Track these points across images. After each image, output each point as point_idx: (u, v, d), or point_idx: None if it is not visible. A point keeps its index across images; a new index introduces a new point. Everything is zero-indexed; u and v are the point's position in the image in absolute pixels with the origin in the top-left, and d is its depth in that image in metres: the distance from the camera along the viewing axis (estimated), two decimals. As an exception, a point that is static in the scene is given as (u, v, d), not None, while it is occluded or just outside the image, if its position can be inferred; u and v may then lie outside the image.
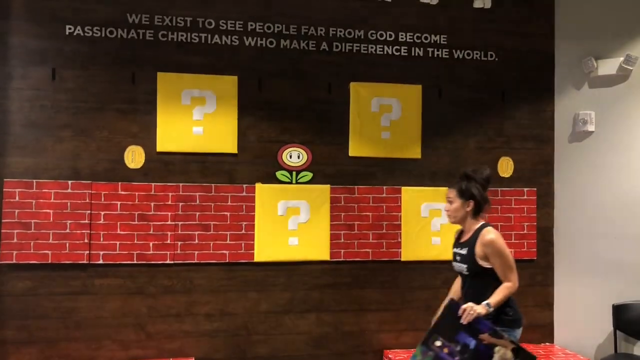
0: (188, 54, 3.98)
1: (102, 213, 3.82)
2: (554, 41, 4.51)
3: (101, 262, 3.81)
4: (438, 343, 2.97)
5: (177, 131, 3.93)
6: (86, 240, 3.78)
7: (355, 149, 4.20)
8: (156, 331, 3.90)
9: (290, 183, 4.10)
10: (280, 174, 4.09)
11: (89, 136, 3.84)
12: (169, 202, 3.91)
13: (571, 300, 4.38)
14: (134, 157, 3.89)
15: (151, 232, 3.88)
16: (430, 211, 4.27)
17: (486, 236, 3.07)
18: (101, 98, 3.87)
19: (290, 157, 4.10)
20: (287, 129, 4.11)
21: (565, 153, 4.46)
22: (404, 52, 4.28)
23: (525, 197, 4.43)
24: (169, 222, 3.90)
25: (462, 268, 3.19)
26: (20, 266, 3.72)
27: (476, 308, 2.91)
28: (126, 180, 3.87)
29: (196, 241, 3.94)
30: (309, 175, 4.13)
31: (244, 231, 4.01)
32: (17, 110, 3.76)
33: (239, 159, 4.03)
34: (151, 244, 3.88)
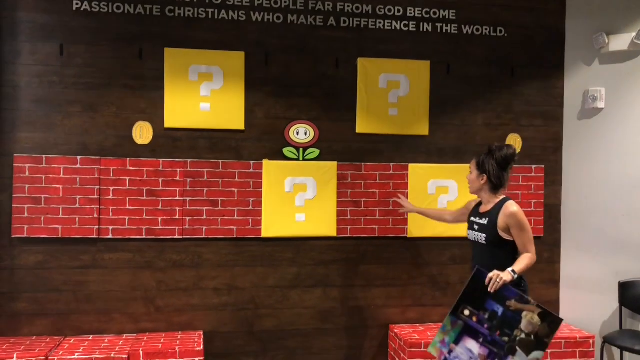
0: (195, 29, 3.97)
1: (111, 188, 3.86)
2: (564, 16, 4.45)
3: (110, 236, 3.86)
4: (466, 312, 3.04)
5: (185, 107, 3.94)
6: (95, 215, 3.83)
7: (363, 126, 4.19)
8: (165, 305, 3.97)
9: (298, 160, 4.11)
10: (287, 151, 4.10)
11: (97, 112, 3.86)
12: (177, 178, 3.94)
13: (577, 277, 4.39)
14: (142, 133, 3.91)
15: (160, 207, 3.91)
16: (437, 188, 4.27)
17: (510, 208, 3.19)
18: (109, 74, 3.88)
19: (298, 133, 4.11)
20: (294, 105, 4.11)
21: (574, 130, 4.43)
22: (412, 28, 4.24)
23: (533, 174, 4.42)
24: (177, 198, 3.94)
25: (479, 237, 3.28)
26: (31, 240, 3.78)
27: (502, 275, 2.99)
28: (134, 156, 3.90)
29: (204, 217, 3.98)
30: (316, 152, 4.13)
31: (251, 207, 4.04)
32: (26, 86, 3.78)
33: (246, 136, 4.04)
34: (160, 219, 3.92)
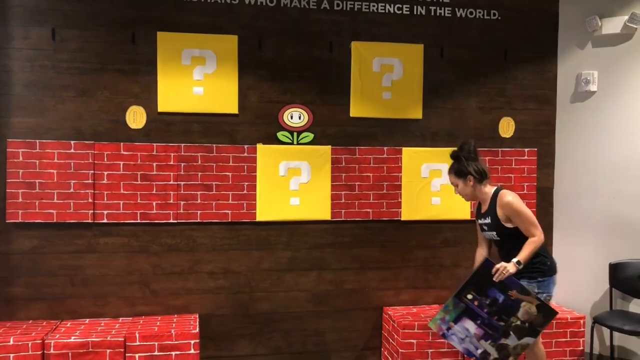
0: (188, 13, 3.95)
1: (105, 173, 3.86)
2: (558, 0, 4.45)
3: (105, 221, 3.87)
4: (470, 296, 3.27)
5: (178, 91, 3.94)
6: (90, 200, 3.84)
7: (357, 110, 4.20)
8: (161, 288, 3.99)
9: (292, 144, 4.11)
10: (281, 135, 4.10)
11: (90, 96, 3.85)
12: (171, 163, 3.94)
13: (569, 260, 4.42)
14: (136, 118, 3.91)
15: (154, 192, 3.92)
16: (431, 171, 4.30)
17: (503, 199, 3.33)
18: (102, 58, 3.86)
19: (292, 117, 4.11)
20: (288, 89, 4.11)
21: (567, 113, 4.45)
22: (405, 11, 4.23)
23: (526, 157, 4.45)
24: (171, 182, 3.95)
25: (491, 235, 3.44)
26: (26, 225, 3.79)
27: (508, 267, 3.18)
28: (128, 140, 3.90)
29: (199, 201, 3.99)
30: (310, 136, 4.14)
31: (245, 191, 4.06)
32: (19, 70, 3.77)
33: (240, 120, 4.04)
34: (154, 203, 3.93)
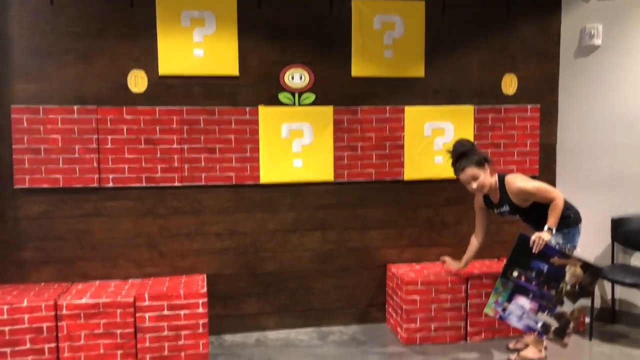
0: (185, -26, 3.91)
1: (109, 137, 3.89)
2: (562, -49, 4.37)
3: (111, 185, 3.92)
4: (515, 273, 3.45)
5: (178, 54, 3.92)
6: (95, 165, 3.88)
7: (358, 69, 4.18)
8: (168, 250, 4.07)
9: (293, 105, 4.11)
10: (282, 96, 4.10)
11: (91, 61, 3.85)
12: (174, 126, 3.96)
13: (572, 215, 4.47)
14: (137, 82, 3.91)
15: (158, 155, 3.96)
16: (433, 130, 4.30)
17: (513, 187, 3.47)
18: (101, 22, 3.84)
19: (292, 78, 4.10)
20: (288, 49, 4.08)
21: (570, 69, 4.41)
22: (406, -33, 4.17)
23: (529, 114, 4.43)
24: (174, 146, 3.97)
25: (515, 218, 3.62)
26: (33, 190, 3.84)
27: (543, 236, 3.33)
28: (130, 104, 3.91)
29: (202, 164, 4.03)
30: (311, 97, 4.14)
31: (248, 154, 4.08)
32: (18, 36, 3.75)
33: (241, 82, 4.03)
34: (159, 167, 3.97)
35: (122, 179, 3.93)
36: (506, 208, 3.55)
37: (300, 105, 4.12)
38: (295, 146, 4.13)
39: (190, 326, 3.64)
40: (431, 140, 4.30)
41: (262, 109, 4.06)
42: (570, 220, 3.51)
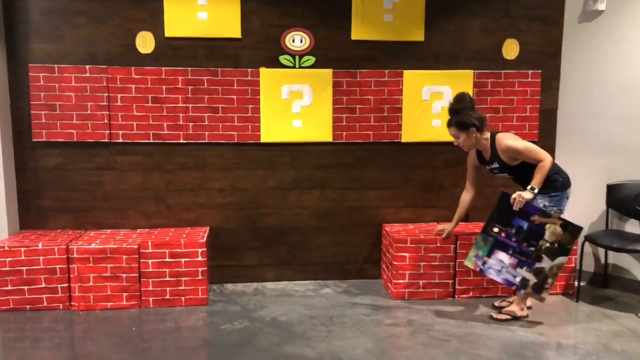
0: (190, -62, 4.05)
1: (119, 95, 4.13)
2: None
3: (121, 140, 4.18)
4: (495, 229, 3.56)
5: (183, 17, 4.10)
6: (106, 121, 4.14)
7: (358, 33, 4.27)
8: (174, 203, 4.33)
9: (294, 67, 4.25)
10: (283, 59, 4.24)
11: (102, 23, 4.07)
12: (179, 86, 4.17)
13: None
14: (145, 43, 4.12)
15: (164, 113, 4.18)
16: (432, 94, 4.37)
17: (502, 145, 3.56)
18: (111, -15, 4.06)
19: (293, 41, 4.23)
20: (289, 12, 4.20)
21: (574, 34, 4.38)
22: None
23: (530, 79, 4.44)
24: (180, 105, 4.19)
25: (504, 176, 3.70)
26: (50, 144, 4.14)
27: (523, 195, 3.45)
28: (139, 64, 4.13)
29: (206, 122, 4.24)
30: (311, 60, 4.26)
31: (250, 114, 4.26)
32: (35, -2, 4.01)
33: (243, 44, 4.19)
34: (165, 124, 4.20)
35: (131, 135, 4.18)
36: (496, 165, 3.64)
37: (300, 67, 4.26)
38: (295, 107, 4.29)
39: (190, 273, 3.91)
40: (429, 104, 4.38)
41: (263, 70, 4.22)
42: (558, 184, 3.59)
